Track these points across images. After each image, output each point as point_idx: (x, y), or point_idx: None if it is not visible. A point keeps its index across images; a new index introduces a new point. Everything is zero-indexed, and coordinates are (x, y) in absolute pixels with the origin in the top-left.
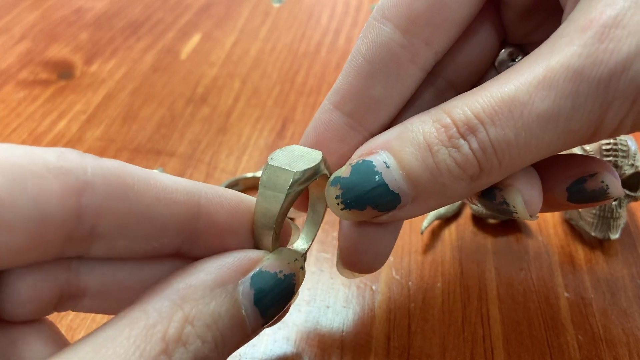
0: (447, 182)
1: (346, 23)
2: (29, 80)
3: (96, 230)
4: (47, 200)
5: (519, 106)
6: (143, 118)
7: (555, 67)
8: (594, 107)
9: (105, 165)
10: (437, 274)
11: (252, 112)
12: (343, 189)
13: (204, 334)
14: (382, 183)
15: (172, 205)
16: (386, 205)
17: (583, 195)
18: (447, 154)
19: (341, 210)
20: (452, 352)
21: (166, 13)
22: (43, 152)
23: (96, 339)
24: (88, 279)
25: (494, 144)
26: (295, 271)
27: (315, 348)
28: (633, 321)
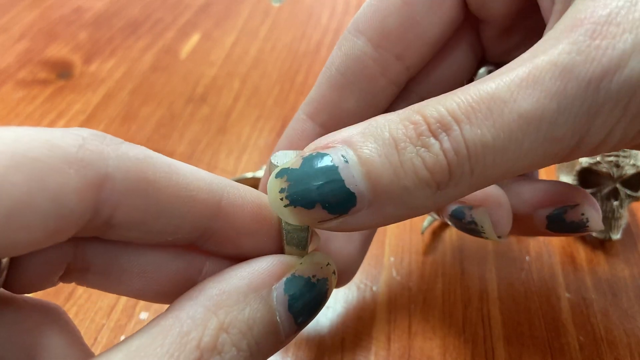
0: (411, 186)
1: (346, 23)
2: (28, 80)
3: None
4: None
5: (499, 104)
6: (142, 118)
7: (541, 64)
8: (580, 111)
9: (127, 156)
10: (437, 275)
11: (252, 112)
12: (290, 181)
13: (239, 342)
14: (338, 178)
15: (192, 203)
16: (338, 206)
17: (562, 225)
18: (415, 153)
19: (284, 207)
20: (452, 352)
21: (166, 12)
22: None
23: (129, 347)
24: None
25: (468, 145)
26: (328, 276)
27: (315, 348)
28: (634, 322)
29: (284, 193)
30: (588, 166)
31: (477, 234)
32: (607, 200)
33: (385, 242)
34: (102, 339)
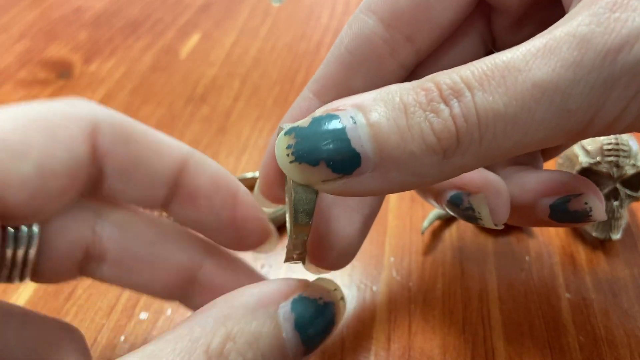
0: (417, 151)
1: (346, 23)
2: (27, 80)
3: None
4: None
5: (514, 72)
6: (142, 118)
7: (559, 36)
8: (597, 82)
9: (109, 113)
10: (437, 275)
11: (252, 112)
12: (297, 138)
13: (245, 352)
14: (345, 137)
15: (163, 157)
16: (343, 165)
17: (565, 215)
18: (424, 117)
19: (290, 164)
20: (452, 353)
21: (165, 12)
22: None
23: (144, 351)
24: (108, 242)
25: (479, 112)
26: (335, 300)
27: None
28: (634, 322)
29: (290, 149)
30: (588, 166)
31: (474, 220)
32: (607, 200)
33: (385, 242)
34: (102, 339)
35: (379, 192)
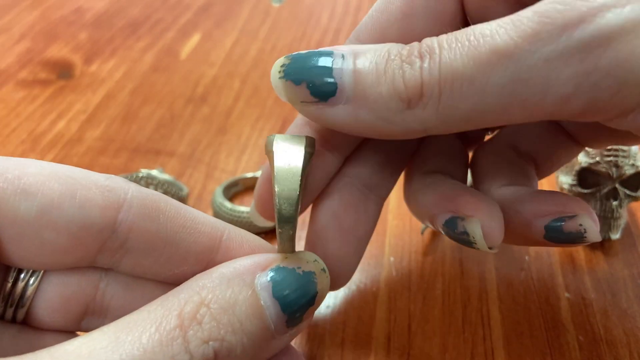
0: (385, 93)
1: (346, 23)
2: (28, 80)
3: (127, 245)
4: (90, 209)
5: (478, 37)
6: (143, 118)
7: (523, 12)
8: (551, 55)
9: (144, 191)
10: (437, 275)
11: (252, 112)
12: (292, 60)
13: (220, 316)
14: (328, 67)
15: (196, 234)
16: (320, 90)
17: (559, 236)
18: (399, 66)
19: (278, 79)
20: (452, 352)
21: (166, 13)
22: (95, 174)
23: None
24: (112, 299)
25: (441, 68)
26: (315, 270)
27: (315, 348)
28: (634, 321)
29: (283, 67)
30: (587, 166)
31: (468, 244)
32: (606, 200)
33: (385, 242)
34: None
35: (348, 127)
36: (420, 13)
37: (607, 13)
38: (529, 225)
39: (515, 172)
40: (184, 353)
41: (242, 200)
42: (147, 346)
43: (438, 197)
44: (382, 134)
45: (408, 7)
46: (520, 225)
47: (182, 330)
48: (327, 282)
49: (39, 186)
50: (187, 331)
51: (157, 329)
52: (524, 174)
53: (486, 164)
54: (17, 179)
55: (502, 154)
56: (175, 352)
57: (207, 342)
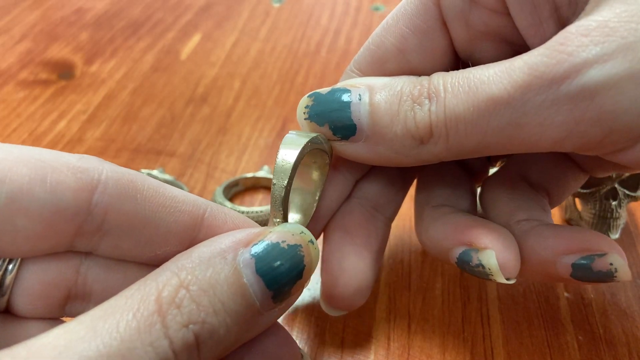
0: (399, 133)
1: (346, 23)
2: (29, 81)
3: (104, 227)
4: (62, 192)
5: (477, 84)
6: (143, 118)
7: (516, 62)
8: (543, 104)
9: (119, 170)
10: (437, 274)
11: (252, 112)
12: (315, 102)
13: (199, 298)
14: (347, 109)
15: (177, 213)
16: (341, 130)
17: (588, 274)
18: (411, 107)
19: (304, 120)
20: (452, 352)
21: (166, 13)
22: (66, 155)
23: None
24: (94, 283)
25: (446, 111)
26: (300, 242)
27: (315, 348)
28: (633, 321)
29: (307, 109)
30: None
31: (485, 276)
32: (605, 200)
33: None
34: None
35: (369, 160)
36: (414, 49)
37: (591, 70)
38: (554, 263)
39: (531, 205)
40: (163, 338)
41: (242, 200)
42: (124, 334)
43: (450, 230)
44: (401, 164)
45: (401, 44)
46: (543, 262)
47: (161, 315)
48: (316, 254)
49: (6, 172)
50: (166, 316)
51: (134, 316)
52: (540, 206)
53: (499, 197)
54: None
55: (515, 187)
56: (153, 338)
57: (187, 326)
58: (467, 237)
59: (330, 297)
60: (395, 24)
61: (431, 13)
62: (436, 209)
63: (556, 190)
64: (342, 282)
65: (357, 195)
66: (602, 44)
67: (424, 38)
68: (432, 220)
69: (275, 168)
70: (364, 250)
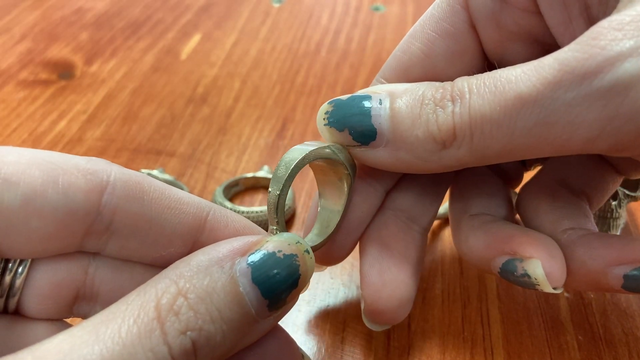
0: (421, 136)
1: (346, 23)
2: (29, 81)
3: (112, 227)
4: (74, 194)
5: (504, 83)
6: (143, 118)
7: (545, 60)
8: (574, 101)
9: (127, 172)
10: (437, 274)
11: (252, 112)
12: (335, 107)
13: (197, 306)
14: (367, 113)
15: (181, 215)
16: (361, 136)
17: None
18: (433, 110)
19: (323, 126)
20: (452, 351)
21: (166, 13)
22: (76, 157)
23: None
24: (101, 283)
25: (471, 112)
26: (296, 252)
27: (315, 347)
28: (633, 321)
29: (327, 115)
30: None
31: (531, 286)
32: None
33: None
34: None
35: (390, 166)
36: (440, 54)
37: (625, 63)
38: (605, 274)
39: (574, 212)
40: (162, 345)
41: (242, 200)
42: (126, 339)
43: (491, 239)
44: (422, 170)
45: (428, 48)
46: (593, 273)
47: (160, 322)
48: (311, 264)
49: (20, 175)
50: (165, 323)
51: (135, 321)
52: (583, 213)
53: (540, 205)
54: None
55: (555, 193)
56: (153, 344)
57: (185, 333)
58: (511, 247)
59: (373, 312)
60: (422, 29)
61: (459, 16)
62: (475, 218)
63: (596, 194)
64: (385, 296)
65: (390, 207)
66: (636, 37)
67: (451, 42)
68: (471, 230)
69: (272, 176)
70: (403, 262)
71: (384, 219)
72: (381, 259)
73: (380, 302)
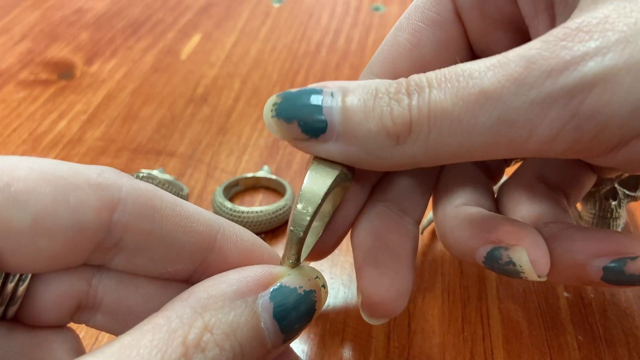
0: (374, 130)
1: (346, 23)
2: (29, 81)
3: (121, 244)
4: (84, 212)
5: (467, 77)
6: (143, 118)
7: (511, 55)
8: (536, 99)
9: (138, 186)
10: (437, 274)
11: (252, 112)
12: (283, 99)
13: (222, 342)
14: (318, 105)
15: (191, 233)
16: (311, 128)
17: (620, 278)
18: (387, 103)
19: (271, 118)
20: (451, 351)
21: (166, 13)
22: (86, 169)
23: (122, 342)
24: (104, 295)
25: (431, 106)
26: (316, 288)
27: (315, 348)
28: (632, 321)
29: (275, 106)
30: None
31: (515, 274)
32: (605, 200)
33: None
34: (103, 339)
35: (340, 159)
36: (428, 43)
37: (590, 62)
38: (584, 265)
39: (553, 206)
40: None
41: (243, 200)
42: None
43: (477, 229)
44: (373, 167)
45: (416, 38)
46: (574, 265)
47: (187, 358)
48: (326, 297)
49: (30, 193)
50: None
51: (162, 357)
52: (562, 208)
53: (520, 199)
54: (6, 187)
55: (535, 188)
56: None
57: None
58: (496, 235)
59: (371, 305)
60: (408, 21)
61: (444, 4)
62: (459, 208)
63: (573, 190)
64: (383, 288)
65: (381, 199)
66: (602, 38)
67: (438, 30)
68: (457, 220)
69: (293, 211)
70: (398, 254)
71: (376, 212)
72: (376, 252)
73: (378, 294)
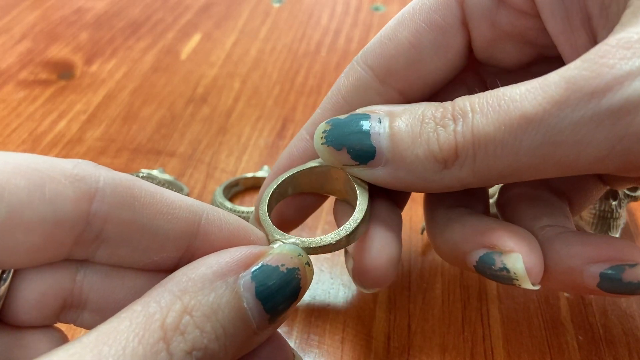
0: (422, 155)
1: (346, 23)
2: (29, 81)
3: (102, 235)
4: (62, 204)
5: (508, 102)
6: (143, 118)
7: (551, 77)
8: (582, 120)
9: (116, 176)
10: (437, 274)
11: (252, 112)
12: (332, 126)
13: (203, 324)
14: (366, 131)
15: (174, 220)
16: (360, 154)
17: (617, 285)
18: (433, 129)
19: (321, 145)
20: (452, 351)
21: (166, 13)
22: (61, 162)
23: (100, 330)
24: (90, 291)
25: (474, 132)
26: (298, 265)
27: (315, 348)
28: (633, 321)
29: (325, 134)
30: None
31: (508, 281)
32: (605, 200)
33: None
34: None
35: (390, 185)
36: (428, 46)
37: (634, 81)
38: (580, 271)
39: (553, 211)
40: None
41: (242, 200)
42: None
43: (469, 232)
44: (422, 189)
45: (416, 39)
46: (569, 271)
47: (165, 342)
48: (311, 275)
49: (4, 185)
50: (171, 343)
51: (140, 342)
52: (563, 213)
53: (520, 202)
54: None
55: (537, 192)
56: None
57: (191, 353)
58: (490, 239)
59: (362, 270)
60: (411, 18)
61: (452, 10)
62: (451, 210)
63: (578, 199)
64: (374, 253)
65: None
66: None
67: (440, 35)
68: (447, 222)
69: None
70: (388, 224)
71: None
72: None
73: (369, 259)
